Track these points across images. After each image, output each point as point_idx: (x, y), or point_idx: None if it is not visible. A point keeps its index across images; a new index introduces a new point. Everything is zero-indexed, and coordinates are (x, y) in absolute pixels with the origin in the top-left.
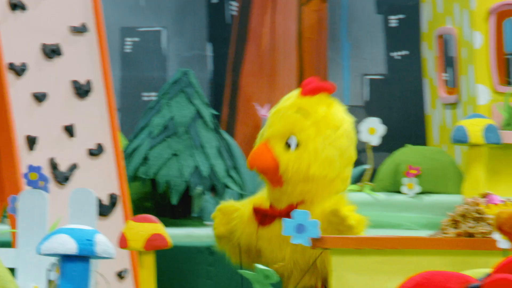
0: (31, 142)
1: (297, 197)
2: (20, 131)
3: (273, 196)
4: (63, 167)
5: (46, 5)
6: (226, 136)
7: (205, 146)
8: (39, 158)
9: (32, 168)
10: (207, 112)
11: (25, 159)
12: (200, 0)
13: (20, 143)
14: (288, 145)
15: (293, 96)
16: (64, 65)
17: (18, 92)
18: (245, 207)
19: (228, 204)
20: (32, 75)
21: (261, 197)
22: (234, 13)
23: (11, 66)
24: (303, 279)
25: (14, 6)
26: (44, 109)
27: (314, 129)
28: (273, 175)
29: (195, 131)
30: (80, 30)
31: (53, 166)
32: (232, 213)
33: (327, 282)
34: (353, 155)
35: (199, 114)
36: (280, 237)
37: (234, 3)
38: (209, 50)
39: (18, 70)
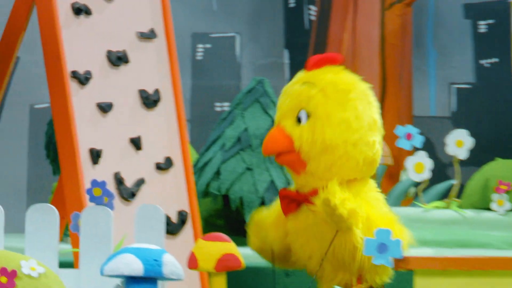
0: (95, 155)
1: (324, 175)
2: (83, 143)
3: (299, 183)
4: (129, 182)
5: (112, 10)
6: None
7: None
8: (103, 172)
9: (96, 183)
10: None
11: (88, 173)
12: (276, 4)
13: (83, 157)
14: (299, 120)
15: (298, 74)
16: (130, 73)
17: (82, 102)
18: (274, 208)
19: (260, 214)
20: (96, 84)
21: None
22: (313, 17)
23: (75, 75)
24: (337, 276)
25: (78, 11)
26: (109, 120)
27: (322, 95)
28: (290, 156)
29: None
30: (148, 36)
31: (119, 181)
32: (263, 222)
33: (362, 278)
34: (375, 118)
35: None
36: (308, 230)
37: (313, 8)
38: (286, 57)
39: (82, 79)
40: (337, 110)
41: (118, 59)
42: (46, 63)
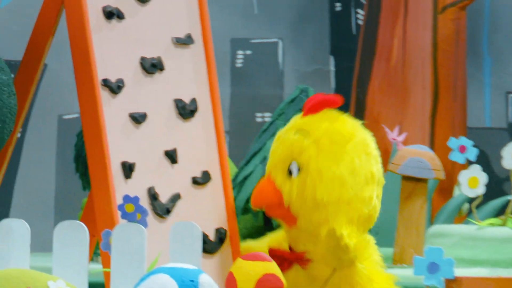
0: (128, 169)
1: (315, 232)
2: (115, 156)
3: (291, 237)
4: (163, 197)
5: (146, 14)
6: None
7: None
8: (136, 187)
9: (128, 199)
10: None
11: (120, 188)
12: (321, 8)
13: (115, 170)
14: (290, 173)
15: (295, 118)
16: (165, 82)
17: (114, 112)
18: (261, 248)
19: (244, 246)
20: (129, 93)
21: (279, 236)
22: (360, 22)
23: (106, 83)
24: None
25: (110, 14)
26: (143, 132)
27: (315, 147)
28: (280, 211)
29: None
30: (184, 41)
31: (153, 196)
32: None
33: None
34: (373, 171)
35: None
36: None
37: (361, 11)
38: (331, 64)
39: (114, 88)
40: (331, 165)
41: (152, 66)
42: (75, 71)
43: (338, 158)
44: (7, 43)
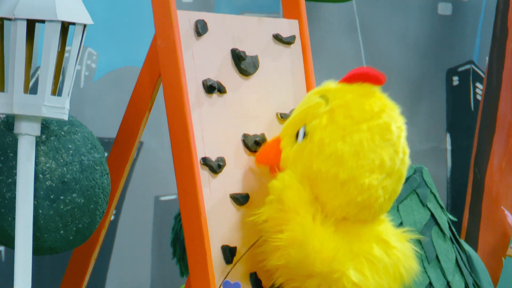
0: (229, 253)
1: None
2: (215, 240)
3: None
4: (267, 284)
5: (249, 87)
6: (467, 247)
7: (441, 259)
8: (238, 273)
9: (229, 286)
10: (444, 218)
11: (220, 274)
12: (438, 82)
13: (215, 255)
14: (297, 136)
15: (328, 83)
16: None
17: (214, 193)
18: None
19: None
20: (231, 173)
21: None
22: (479, 97)
23: (205, 162)
24: None
25: (210, 89)
26: (245, 214)
27: (328, 117)
28: (276, 173)
29: (429, 241)
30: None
31: (255, 282)
32: None
33: None
34: (385, 160)
35: (434, 220)
36: None
37: (480, 86)
38: (448, 142)
39: (214, 167)
40: (335, 139)
41: (255, 144)
42: (173, 149)
43: (346, 134)
44: (101, 119)
